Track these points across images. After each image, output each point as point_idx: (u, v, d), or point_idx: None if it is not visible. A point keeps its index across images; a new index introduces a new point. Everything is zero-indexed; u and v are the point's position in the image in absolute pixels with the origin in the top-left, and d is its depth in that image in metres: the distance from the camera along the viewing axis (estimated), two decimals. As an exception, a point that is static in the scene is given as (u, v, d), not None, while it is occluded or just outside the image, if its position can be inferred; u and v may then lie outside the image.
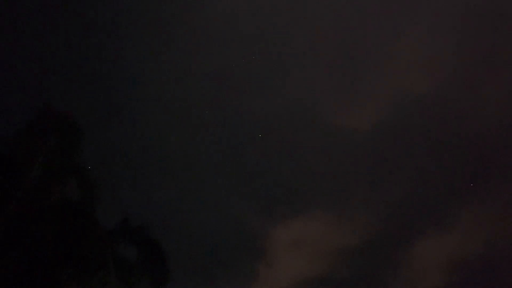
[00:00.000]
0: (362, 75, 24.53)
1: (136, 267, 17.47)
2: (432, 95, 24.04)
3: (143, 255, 17.57)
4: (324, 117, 23.84)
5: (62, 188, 17.62)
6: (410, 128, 23.73)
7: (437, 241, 22.80)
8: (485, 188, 22.76)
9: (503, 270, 22.13)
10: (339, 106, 23.97)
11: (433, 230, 23.02)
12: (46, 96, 20.45)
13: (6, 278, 15.48)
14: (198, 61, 23.31)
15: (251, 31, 24.37)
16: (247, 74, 23.67)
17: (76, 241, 16.42)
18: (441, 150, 23.68)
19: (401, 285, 22.93)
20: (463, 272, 22.52)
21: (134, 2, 23.38)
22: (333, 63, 24.66)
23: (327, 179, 23.38)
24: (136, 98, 21.98)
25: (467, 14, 24.84)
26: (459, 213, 22.77)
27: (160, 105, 22.54)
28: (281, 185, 23.10)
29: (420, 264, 22.78)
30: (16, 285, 15.54)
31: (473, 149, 23.29)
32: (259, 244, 22.85)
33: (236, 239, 22.38)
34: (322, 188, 23.27)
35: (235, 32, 23.78)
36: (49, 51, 21.53)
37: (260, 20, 24.40)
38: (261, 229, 22.78)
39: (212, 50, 23.48)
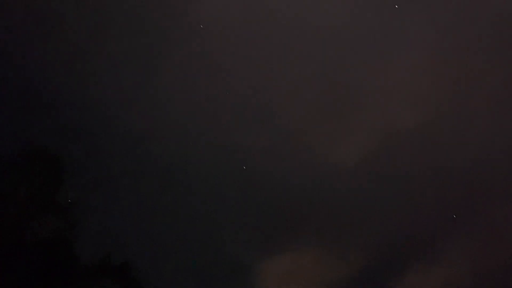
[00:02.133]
0: (349, 109, 24.72)
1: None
2: (419, 131, 24.26)
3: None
4: (310, 151, 23.91)
5: (42, 224, 17.55)
6: (397, 162, 23.85)
7: (427, 273, 22.69)
8: (468, 220, 22.82)
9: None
10: (326, 140, 24.05)
11: (422, 262, 22.95)
12: (29, 130, 20.50)
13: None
14: (183, 93, 23.53)
15: (237, 64, 24.67)
16: (232, 107, 23.85)
17: (55, 280, 16.29)
18: (427, 182, 23.80)
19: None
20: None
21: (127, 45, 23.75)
22: (320, 97, 24.86)
23: (316, 212, 23.32)
24: (120, 130, 22.07)
25: (458, 50, 25.28)
26: (447, 245, 22.78)
27: (145, 138, 22.62)
28: (269, 218, 23.03)
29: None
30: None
31: (459, 182, 23.48)
32: (248, 278, 22.68)
33: (224, 272, 22.20)
34: (311, 222, 23.20)
35: (220, 65, 24.09)
36: (33, 85, 21.73)
37: (247, 54, 24.76)
38: (250, 262, 22.63)
39: (196, 83, 23.72)
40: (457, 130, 24.24)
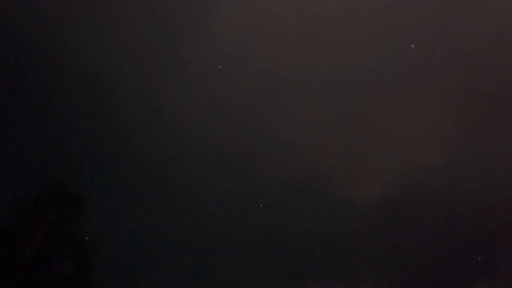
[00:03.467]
0: (367, 148, 24.51)
1: None
2: (439, 169, 23.91)
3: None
4: (328, 190, 23.60)
5: (61, 262, 17.31)
6: (417, 201, 23.42)
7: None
8: (494, 263, 22.20)
9: None
10: (345, 179, 23.77)
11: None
12: (49, 169, 20.53)
13: None
14: (200, 132, 23.53)
15: (255, 102, 24.73)
16: (249, 145, 23.76)
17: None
18: (448, 223, 23.29)
19: None
20: None
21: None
22: (338, 136, 24.71)
23: (333, 253, 22.82)
24: (137, 168, 22.01)
25: (476, 89, 25.00)
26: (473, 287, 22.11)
27: (162, 175, 22.52)
28: (285, 259, 22.56)
29: None
30: None
31: (481, 222, 22.95)
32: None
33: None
34: (327, 263, 22.66)
35: (238, 102, 24.15)
36: (52, 125, 21.88)
37: (263, 92, 24.88)
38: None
39: (215, 120, 23.73)
40: (478, 170, 23.86)
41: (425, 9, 26.20)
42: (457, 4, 26.09)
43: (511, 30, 25.42)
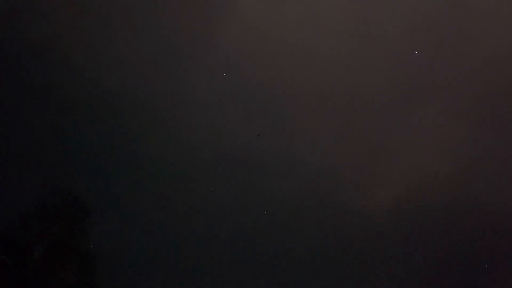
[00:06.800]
0: (378, 155, 24.34)
1: None
2: (451, 175, 23.67)
3: None
4: (338, 199, 23.46)
5: (65, 270, 17.46)
6: (429, 209, 23.19)
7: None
8: (502, 271, 21.91)
9: None
10: (355, 188, 23.58)
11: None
12: (55, 177, 20.73)
13: None
14: (206, 140, 23.45)
15: (264, 112, 24.77)
16: (257, 155, 23.78)
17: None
18: (460, 231, 23.04)
19: None
20: None
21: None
22: (348, 144, 24.60)
23: (342, 262, 22.64)
24: (143, 178, 22.17)
25: (485, 95, 24.78)
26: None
27: (168, 183, 22.50)
28: (292, 268, 22.42)
29: None
30: None
31: (493, 232, 22.68)
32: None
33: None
34: (337, 272, 22.49)
35: (246, 112, 24.01)
36: (59, 132, 22.14)
37: (272, 102, 24.91)
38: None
39: (222, 130, 23.71)
40: (491, 177, 23.37)
41: (430, 16, 26.18)
42: (461, 10, 26.05)
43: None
